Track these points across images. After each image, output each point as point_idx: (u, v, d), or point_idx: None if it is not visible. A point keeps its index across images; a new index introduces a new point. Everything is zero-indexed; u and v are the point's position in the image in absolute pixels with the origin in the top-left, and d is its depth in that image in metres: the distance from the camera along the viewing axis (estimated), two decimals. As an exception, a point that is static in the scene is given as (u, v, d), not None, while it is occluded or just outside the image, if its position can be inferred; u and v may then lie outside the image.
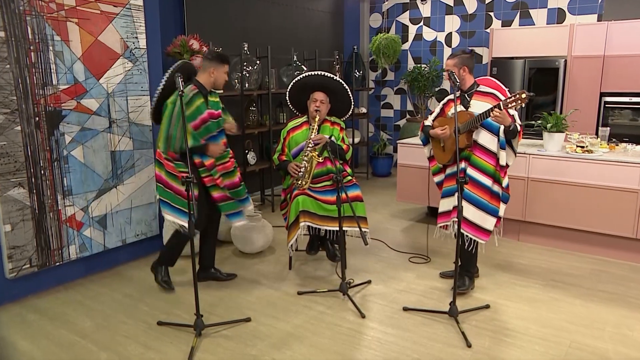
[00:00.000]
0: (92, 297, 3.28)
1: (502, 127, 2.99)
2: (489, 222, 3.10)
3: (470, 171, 3.11)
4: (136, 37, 3.64)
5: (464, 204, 3.04)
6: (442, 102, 3.34)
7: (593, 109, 5.13)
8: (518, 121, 3.00)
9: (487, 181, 3.08)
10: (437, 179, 3.43)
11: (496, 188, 3.09)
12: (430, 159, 3.44)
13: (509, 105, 2.85)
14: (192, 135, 3.01)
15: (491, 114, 2.89)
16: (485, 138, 3.07)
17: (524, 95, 2.78)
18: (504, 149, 3.03)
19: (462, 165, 3.13)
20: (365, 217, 3.48)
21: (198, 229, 3.19)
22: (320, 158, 3.43)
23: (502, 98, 3.01)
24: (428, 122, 3.37)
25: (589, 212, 3.81)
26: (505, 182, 3.13)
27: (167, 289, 3.31)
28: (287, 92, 3.70)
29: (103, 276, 3.61)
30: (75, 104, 3.35)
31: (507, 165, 3.11)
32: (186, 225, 3.02)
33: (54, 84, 3.22)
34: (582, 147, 3.93)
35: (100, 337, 2.79)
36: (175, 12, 4.63)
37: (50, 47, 3.18)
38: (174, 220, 3.11)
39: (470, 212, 3.09)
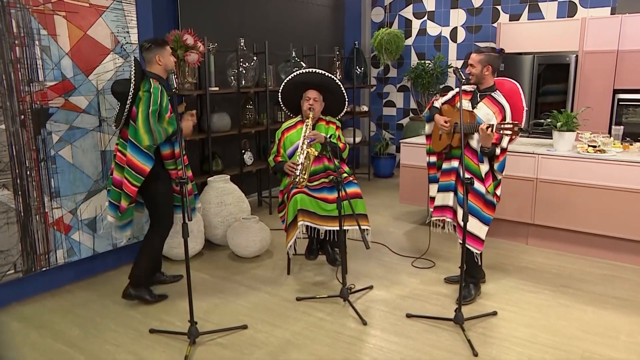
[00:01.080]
0: (80, 304, 3.23)
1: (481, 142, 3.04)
2: (483, 231, 3.12)
3: (467, 175, 3.08)
4: (127, 32, 3.55)
5: (462, 211, 3.00)
6: (457, 90, 3.30)
7: (606, 107, 5.04)
8: (503, 144, 3.05)
9: (482, 188, 3.09)
10: (429, 159, 3.46)
11: (489, 197, 3.12)
12: (428, 137, 3.46)
13: (503, 131, 2.90)
14: (169, 122, 3.00)
15: (478, 128, 2.93)
16: (474, 142, 3.11)
17: (516, 129, 2.87)
18: (482, 162, 3.09)
19: (455, 164, 3.15)
20: (366, 215, 3.43)
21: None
22: (317, 153, 3.37)
23: (508, 116, 3.05)
24: (437, 104, 3.37)
25: (601, 215, 3.74)
26: (491, 187, 3.14)
27: (162, 300, 3.23)
28: (279, 93, 3.63)
29: (92, 282, 3.55)
30: (63, 102, 3.27)
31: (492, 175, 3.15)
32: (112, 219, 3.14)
33: (41, 80, 3.13)
34: (594, 146, 3.88)
35: (89, 346, 2.73)
36: (169, 5, 4.55)
37: (37, 42, 3.08)
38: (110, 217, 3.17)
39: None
